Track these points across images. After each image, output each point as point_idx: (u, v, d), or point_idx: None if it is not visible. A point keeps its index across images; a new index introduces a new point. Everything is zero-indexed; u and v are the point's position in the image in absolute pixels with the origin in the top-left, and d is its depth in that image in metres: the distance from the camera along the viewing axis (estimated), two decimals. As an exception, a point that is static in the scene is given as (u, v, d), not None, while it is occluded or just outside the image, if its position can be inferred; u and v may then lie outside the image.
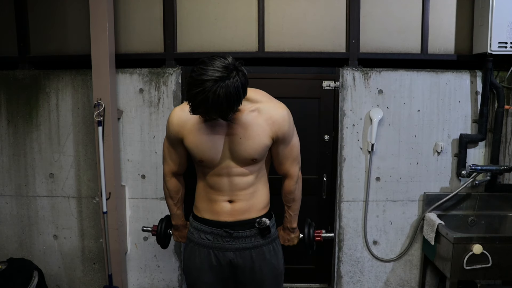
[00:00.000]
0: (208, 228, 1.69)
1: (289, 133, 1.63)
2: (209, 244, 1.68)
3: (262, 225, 1.66)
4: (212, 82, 1.35)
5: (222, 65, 1.38)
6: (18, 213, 2.84)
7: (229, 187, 1.64)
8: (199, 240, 1.70)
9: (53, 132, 2.75)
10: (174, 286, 2.84)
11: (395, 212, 2.72)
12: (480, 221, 2.65)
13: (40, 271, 2.67)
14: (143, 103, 2.70)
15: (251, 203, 1.67)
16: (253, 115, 1.58)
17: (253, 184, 1.66)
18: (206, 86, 1.35)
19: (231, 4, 2.68)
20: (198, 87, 1.36)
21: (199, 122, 1.59)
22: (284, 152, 1.68)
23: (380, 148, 2.67)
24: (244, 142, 1.58)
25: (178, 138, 1.64)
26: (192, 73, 1.40)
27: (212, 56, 1.43)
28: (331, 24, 2.68)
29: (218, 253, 1.68)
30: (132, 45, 2.73)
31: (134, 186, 2.76)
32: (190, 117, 1.58)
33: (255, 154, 1.60)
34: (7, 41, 2.77)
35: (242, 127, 1.57)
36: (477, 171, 2.55)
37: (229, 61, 1.41)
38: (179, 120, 1.62)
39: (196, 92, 1.36)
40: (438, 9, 2.65)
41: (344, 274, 2.78)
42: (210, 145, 1.59)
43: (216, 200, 1.67)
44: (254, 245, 1.68)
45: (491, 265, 2.20)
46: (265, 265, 1.70)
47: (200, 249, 1.70)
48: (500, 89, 2.55)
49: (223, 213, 1.66)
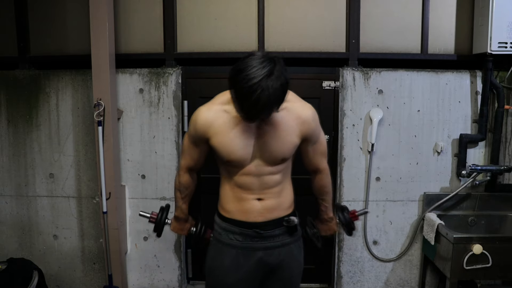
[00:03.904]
0: (238, 229, 1.66)
1: (316, 131, 1.67)
2: (237, 245, 1.67)
3: (290, 224, 1.68)
4: (265, 80, 1.31)
5: (260, 60, 1.34)
6: (18, 213, 2.84)
7: (259, 186, 1.64)
8: (227, 241, 1.68)
9: (53, 132, 2.75)
10: (174, 286, 2.84)
11: (395, 212, 2.72)
12: (480, 221, 2.65)
13: (40, 271, 2.67)
14: (143, 103, 2.70)
15: (279, 202, 1.68)
16: (282, 115, 1.56)
17: (280, 182, 1.67)
18: (263, 86, 1.30)
19: (231, 4, 2.68)
20: (255, 92, 1.31)
21: (227, 122, 1.57)
22: (313, 149, 1.71)
23: (380, 148, 2.67)
24: (274, 142, 1.58)
25: (203, 138, 1.61)
26: (238, 85, 1.34)
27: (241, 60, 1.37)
28: (331, 24, 2.68)
29: (247, 252, 1.66)
30: (132, 45, 2.73)
31: (134, 186, 2.76)
32: (217, 117, 1.57)
33: (285, 153, 1.62)
34: (7, 41, 2.77)
35: (272, 127, 1.57)
36: (477, 171, 2.55)
37: (261, 53, 1.38)
38: (206, 120, 1.58)
39: (255, 98, 1.31)
40: (438, 9, 2.65)
41: (344, 274, 2.78)
42: (239, 145, 1.57)
43: (246, 199, 1.65)
44: (282, 243, 1.69)
45: (491, 265, 2.20)
46: (293, 262, 1.73)
47: (228, 249, 1.68)
48: (500, 89, 2.55)
49: (253, 212, 1.65)
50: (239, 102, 1.38)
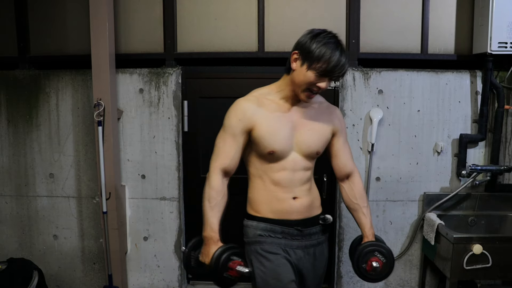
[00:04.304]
0: (279, 228, 1.62)
1: (344, 129, 1.76)
2: (280, 242, 1.62)
3: (327, 222, 1.69)
4: (335, 40, 1.51)
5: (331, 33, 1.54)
6: (18, 213, 2.84)
7: (292, 183, 1.62)
8: (270, 240, 1.62)
9: (53, 132, 2.75)
10: (174, 286, 2.84)
11: (395, 212, 2.72)
12: (480, 221, 2.65)
13: (40, 271, 2.67)
14: (143, 103, 2.70)
15: (310, 200, 1.68)
16: (316, 107, 1.66)
17: (309, 179, 1.68)
18: (337, 42, 1.50)
19: (231, 4, 2.68)
20: (340, 45, 1.50)
21: (270, 112, 1.59)
22: (343, 148, 1.74)
23: (380, 148, 2.67)
24: (311, 134, 1.62)
25: (246, 127, 1.57)
26: (324, 39, 1.49)
27: (315, 32, 1.53)
28: (331, 24, 2.67)
29: (290, 251, 1.64)
30: (132, 45, 2.73)
31: (134, 186, 2.76)
32: (261, 104, 1.59)
33: (320, 146, 1.65)
34: (7, 41, 2.77)
35: (310, 119, 1.62)
36: (477, 171, 2.55)
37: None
38: (250, 108, 1.58)
39: (341, 50, 1.49)
40: (438, 9, 2.65)
41: (344, 274, 2.78)
42: (282, 135, 1.58)
43: (283, 199, 1.62)
44: (317, 241, 1.70)
45: (491, 265, 2.19)
46: (324, 260, 1.76)
47: (275, 247, 1.62)
48: (500, 89, 2.54)
49: (293, 212, 1.63)
50: (326, 54, 1.47)
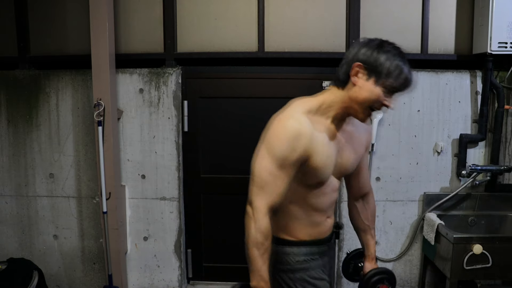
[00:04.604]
0: (316, 248, 1.53)
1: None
2: (319, 264, 1.56)
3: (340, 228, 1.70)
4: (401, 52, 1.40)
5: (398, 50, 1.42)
6: (18, 213, 2.84)
7: (329, 205, 1.52)
8: (314, 264, 1.52)
9: (53, 132, 2.75)
10: (174, 286, 2.84)
11: (395, 212, 2.72)
12: (480, 221, 2.65)
13: (40, 271, 2.67)
14: (143, 103, 2.69)
15: None
16: (352, 126, 1.47)
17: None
18: (403, 54, 1.39)
19: (231, 4, 2.68)
20: (402, 60, 1.35)
21: (323, 137, 1.35)
22: (366, 165, 1.63)
23: (380, 148, 2.67)
24: (350, 156, 1.46)
25: (301, 159, 1.31)
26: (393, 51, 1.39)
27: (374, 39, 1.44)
28: (331, 24, 2.68)
29: (325, 269, 1.60)
30: (132, 45, 2.73)
31: (134, 186, 2.76)
32: (314, 131, 1.32)
33: (355, 166, 1.52)
34: (7, 41, 2.77)
35: (350, 139, 1.45)
36: (477, 171, 2.55)
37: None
38: (306, 135, 1.29)
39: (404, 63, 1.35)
40: (438, 9, 2.65)
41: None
42: (333, 162, 1.39)
43: (320, 222, 1.51)
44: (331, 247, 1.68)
45: (491, 265, 2.20)
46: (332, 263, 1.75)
47: (319, 271, 1.54)
48: (500, 89, 2.54)
49: (326, 231, 1.56)
50: (397, 69, 1.33)
